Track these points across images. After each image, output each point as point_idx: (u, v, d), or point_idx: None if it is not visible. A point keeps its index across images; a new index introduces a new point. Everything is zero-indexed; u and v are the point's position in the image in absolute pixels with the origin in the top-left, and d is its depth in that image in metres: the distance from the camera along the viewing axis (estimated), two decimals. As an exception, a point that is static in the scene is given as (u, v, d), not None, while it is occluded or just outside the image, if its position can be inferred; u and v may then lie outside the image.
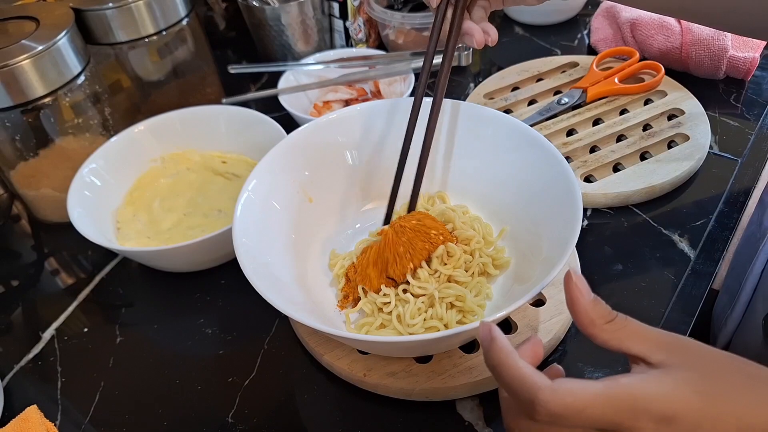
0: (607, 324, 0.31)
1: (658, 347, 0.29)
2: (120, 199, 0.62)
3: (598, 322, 0.31)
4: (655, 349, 0.29)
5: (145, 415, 0.47)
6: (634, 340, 0.30)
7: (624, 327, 0.31)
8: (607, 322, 0.31)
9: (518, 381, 0.29)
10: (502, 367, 0.30)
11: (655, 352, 0.29)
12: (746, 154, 0.61)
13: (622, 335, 0.30)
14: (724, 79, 0.69)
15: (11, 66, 0.54)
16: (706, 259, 0.52)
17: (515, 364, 0.30)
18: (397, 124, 0.55)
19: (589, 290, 0.32)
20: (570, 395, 0.28)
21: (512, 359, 0.30)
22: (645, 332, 0.30)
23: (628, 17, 0.72)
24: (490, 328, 0.32)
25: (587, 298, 0.31)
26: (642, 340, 0.30)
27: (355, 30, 0.78)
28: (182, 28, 0.69)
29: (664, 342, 0.30)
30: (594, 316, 0.31)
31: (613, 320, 0.31)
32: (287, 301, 0.43)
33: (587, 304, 0.31)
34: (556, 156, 0.46)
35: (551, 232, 0.45)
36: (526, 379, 0.29)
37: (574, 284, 0.31)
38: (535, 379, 0.29)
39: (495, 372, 0.31)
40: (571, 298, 0.32)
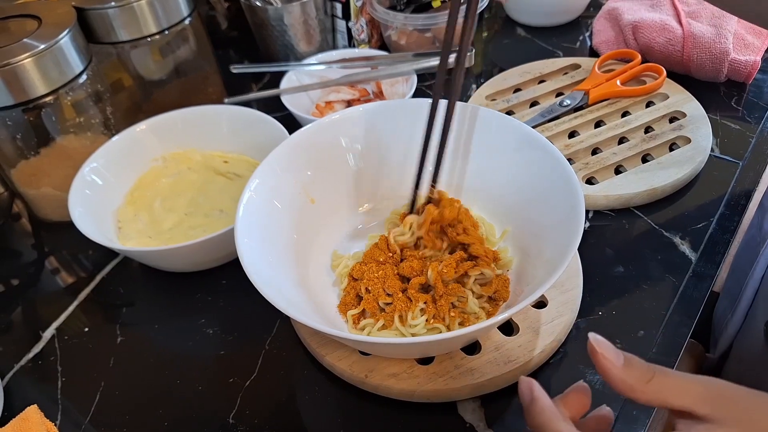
0: (647, 385, 0.30)
1: (704, 400, 0.29)
2: (121, 198, 0.62)
3: (637, 386, 0.30)
4: (700, 403, 0.29)
5: (145, 415, 0.47)
6: (678, 395, 0.29)
7: (665, 383, 0.30)
8: (647, 382, 0.30)
9: None
10: (546, 429, 0.30)
11: (700, 406, 0.29)
12: (747, 157, 0.61)
13: (665, 393, 0.30)
14: (726, 82, 0.69)
15: (13, 64, 0.54)
16: (707, 261, 0.52)
17: (559, 428, 0.29)
18: (399, 125, 0.55)
19: (617, 353, 0.31)
20: None
21: (556, 423, 0.30)
22: (687, 385, 0.29)
23: (630, 20, 0.72)
24: (531, 387, 0.31)
25: (618, 365, 0.30)
26: (685, 394, 0.29)
27: (358, 30, 0.78)
28: (184, 27, 0.69)
29: (709, 394, 0.29)
30: (632, 381, 0.30)
31: (651, 380, 0.30)
32: (289, 301, 0.43)
33: (621, 372, 0.30)
34: (559, 158, 0.46)
35: (553, 234, 0.45)
36: None
37: (601, 355, 0.30)
38: None
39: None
40: (602, 369, 0.31)
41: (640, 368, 0.30)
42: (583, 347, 0.47)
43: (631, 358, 0.31)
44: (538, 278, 0.43)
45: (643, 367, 0.30)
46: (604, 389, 0.44)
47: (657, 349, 0.46)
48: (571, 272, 0.50)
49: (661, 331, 0.47)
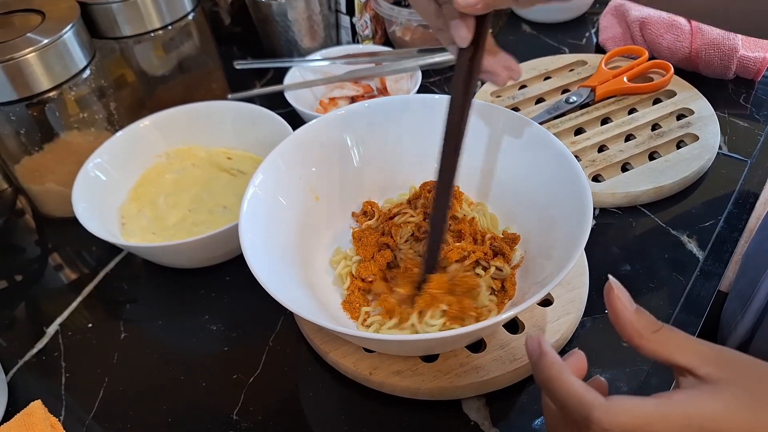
0: (654, 334, 0.30)
1: (707, 360, 0.29)
2: (125, 194, 0.62)
3: (645, 333, 0.30)
4: (703, 362, 0.29)
5: (149, 411, 0.47)
6: (682, 351, 0.30)
7: (671, 338, 0.30)
8: (654, 332, 0.30)
9: (572, 397, 0.29)
10: (555, 382, 0.30)
11: (703, 365, 0.29)
12: (755, 155, 0.61)
13: (670, 346, 0.30)
14: (734, 79, 0.69)
15: (16, 59, 0.54)
16: (715, 260, 0.52)
17: (568, 380, 0.30)
18: (403, 122, 0.54)
19: (632, 301, 0.31)
20: (624, 414, 0.28)
21: (565, 375, 0.30)
22: (692, 344, 0.30)
23: (637, 16, 0.71)
24: (540, 342, 0.32)
25: (631, 310, 0.31)
26: (690, 352, 0.30)
27: (362, 26, 0.77)
28: (188, 23, 0.69)
29: (713, 355, 0.29)
30: (639, 327, 0.30)
31: (658, 330, 0.30)
32: (293, 298, 0.43)
33: (631, 315, 0.31)
34: (567, 155, 0.46)
35: (560, 232, 0.44)
36: (580, 397, 0.29)
37: (616, 296, 0.31)
38: (589, 397, 0.29)
39: (546, 387, 0.31)
40: (614, 310, 0.31)
41: (650, 318, 0.31)
42: (589, 346, 0.47)
43: (643, 310, 0.31)
44: (544, 276, 0.43)
45: (653, 319, 0.31)
46: (610, 387, 0.44)
47: (664, 348, 0.46)
48: (578, 270, 0.49)
49: (667, 330, 0.47)
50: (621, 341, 0.46)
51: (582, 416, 0.28)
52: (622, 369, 0.45)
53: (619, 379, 0.44)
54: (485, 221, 0.52)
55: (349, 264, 0.51)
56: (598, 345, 0.47)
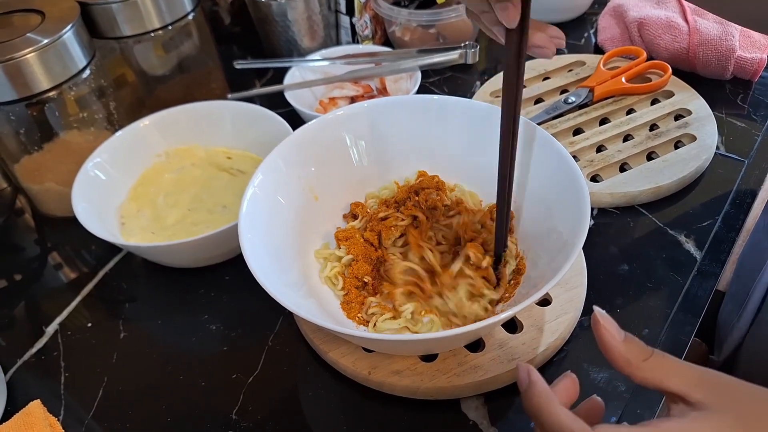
0: (644, 362, 0.30)
1: (698, 386, 0.29)
2: (124, 193, 0.62)
3: (635, 362, 0.30)
4: (694, 388, 0.29)
5: (148, 410, 0.47)
6: (673, 378, 0.30)
7: (662, 364, 0.30)
8: (644, 360, 0.30)
9: (558, 429, 0.29)
10: (542, 413, 0.30)
11: (694, 391, 0.29)
12: (753, 156, 0.61)
13: (660, 373, 0.30)
14: (731, 79, 0.69)
15: (16, 59, 0.54)
16: (712, 260, 0.52)
17: (555, 410, 0.30)
18: (403, 122, 0.54)
19: (619, 329, 0.31)
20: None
21: (552, 406, 0.30)
22: (683, 369, 0.30)
23: (635, 17, 0.71)
24: (529, 371, 0.32)
25: (619, 339, 0.31)
26: (680, 377, 0.30)
27: (362, 26, 0.78)
28: (188, 22, 0.69)
29: (704, 380, 0.29)
30: (629, 356, 0.31)
31: (649, 358, 0.30)
32: (292, 297, 0.43)
33: (620, 345, 0.31)
34: (565, 156, 0.46)
35: (559, 232, 0.44)
36: (566, 428, 0.29)
37: (603, 327, 0.31)
38: (574, 428, 0.29)
39: (534, 417, 0.31)
40: (603, 341, 0.31)
41: (639, 346, 0.31)
42: (588, 345, 0.47)
43: (632, 338, 0.31)
44: (542, 276, 0.43)
45: (642, 346, 0.31)
46: (607, 387, 0.44)
47: (661, 348, 0.46)
48: (576, 270, 0.50)
49: (665, 330, 0.47)
50: (619, 341, 0.47)
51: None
52: (619, 369, 0.45)
53: (618, 379, 0.44)
54: (469, 200, 0.53)
55: (336, 265, 0.51)
56: (596, 344, 0.47)
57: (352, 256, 0.50)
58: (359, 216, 0.54)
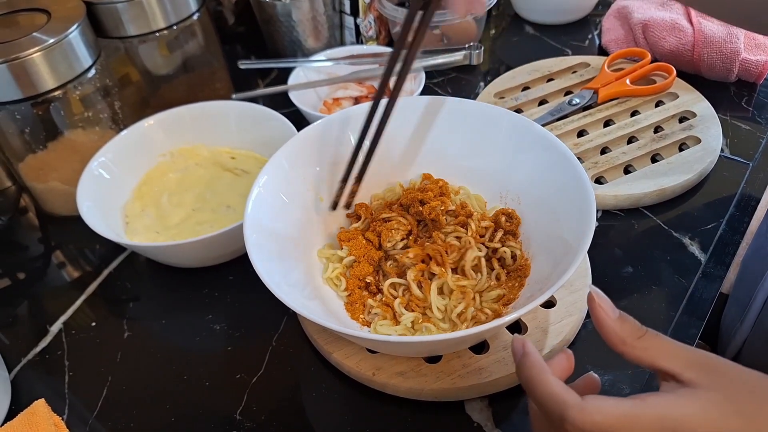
0: (638, 341, 0.31)
1: (689, 365, 0.30)
2: (129, 193, 0.62)
3: (629, 340, 0.31)
4: (686, 367, 0.30)
5: (152, 410, 0.47)
6: (666, 356, 0.30)
7: (655, 343, 0.31)
8: (638, 338, 0.31)
9: (549, 397, 0.30)
10: (534, 382, 0.31)
11: (685, 370, 0.30)
12: (757, 158, 0.61)
13: (653, 352, 0.31)
14: (736, 82, 0.69)
15: (22, 58, 0.54)
16: (717, 262, 0.52)
17: (547, 380, 0.30)
18: (407, 122, 0.54)
19: (614, 308, 0.32)
20: (599, 414, 0.28)
21: (544, 375, 0.31)
22: (676, 349, 0.30)
23: (639, 18, 0.71)
24: (524, 343, 0.33)
25: (613, 317, 0.32)
26: (673, 357, 0.30)
27: (366, 27, 0.78)
28: (192, 22, 0.69)
29: (695, 360, 0.30)
30: (623, 334, 0.31)
31: (642, 336, 0.31)
32: (296, 298, 0.43)
33: (614, 323, 0.31)
34: (570, 158, 0.46)
35: (563, 234, 0.44)
36: (556, 397, 0.30)
37: (598, 305, 0.32)
38: (565, 397, 0.29)
39: (527, 387, 0.32)
40: (598, 318, 0.32)
41: (633, 325, 0.32)
42: (592, 348, 0.47)
43: (626, 316, 0.32)
44: (547, 278, 0.43)
45: (636, 325, 0.32)
46: (611, 389, 0.44)
47: (666, 350, 0.46)
48: (580, 272, 0.50)
49: (670, 333, 0.47)
50: (623, 343, 0.47)
51: (558, 415, 0.29)
52: (624, 371, 0.45)
53: (622, 381, 0.44)
54: (474, 203, 0.53)
55: (338, 266, 0.51)
56: (601, 347, 0.46)
57: (353, 257, 0.50)
58: (362, 216, 0.54)
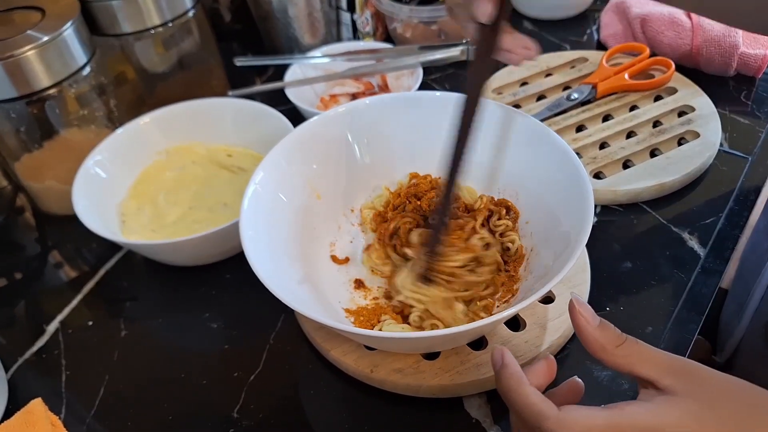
0: (617, 348, 0.31)
1: (668, 372, 0.30)
2: (125, 191, 0.61)
3: (608, 348, 0.31)
4: (664, 374, 0.30)
5: (149, 409, 0.47)
6: (644, 364, 0.31)
7: (634, 350, 0.31)
8: (617, 346, 0.31)
9: (527, 408, 0.30)
10: (512, 393, 0.32)
11: (664, 377, 0.30)
12: (756, 152, 0.61)
13: (632, 359, 0.31)
14: (735, 76, 0.69)
15: (16, 56, 0.53)
16: (716, 257, 0.52)
17: (524, 391, 0.31)
18: (405, 119, 0.54)
19: (595, 315, 0.33)
20: (575, 424, 0.29)
21: (522, 387, 0.31)
22: (654, 356, 0.31)
23: (638, 13, 0.71)
24: (503, 353, 0.33)
25: (594, 324, 0.32)
26: (652, 364, 0.30)
27: (363, 23, 0.77)
28: (188, 19, 0.69)
29: (674, 367, 0.30)
30: (603, 341, 0.32)
31: (622, 344, 0.31)
32: (293, 295, 0.43)
33: (595, 330, 0.32)
34: (568, 153, 0.46)
35: (562, 229, 0.44)
36: (533, 408, 0.30)
37: (578, 312, 0.32)
38: (542, 408, 0.30)
39: (505, 398, 0.32)
40: (578, 325, 0.32)
41: (612, 332, 0.32)
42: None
43: (607, 324, 0.32)
44: (545, 273, 0.43)
45: (616, 332, 0.32)
46: (611, 385, 0.44)
47: (665, 346, 0.46)
48: (579, 267, 0.49)
49: (669, 328, 0.47)
50: (622, 339, 0.46)
51: (535, 426, 0.30)
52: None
53: (621, 377, 0.44)
54: (466, 195, 0.53)
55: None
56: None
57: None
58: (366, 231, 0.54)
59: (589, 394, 0.37)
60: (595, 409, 0.29)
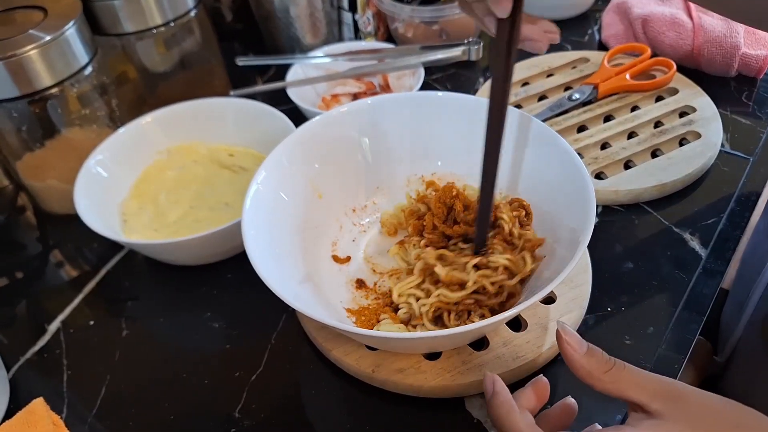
0: (606, 374, 0.32)
1: (656, 396, 0.31)
2: (126, 191, 0.62)
3: (596, 374, 0.32)
4: (652, 398, 0.31)
5: (151, 408, 0.47)
6: (633, 389, 0.31)
7: (622, 375, 0.32)
8: (605, 372, 0.32)
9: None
10: (502, 421, 0.33)
11: (652, 401, 0.31)
12: (758, 153, 0.61)
13: (621, 385, 0.31)
14: (736, 76, 0.69)
15: (18, 56, 0.53)
16: (717, 258, 0.52)
17: (514, 418, 0.32)
18: (406, 119, 0.54)
19: (581, 342, 0.33)
20: None
21: (512, 415, 0.32)
22: (643, 380, 0.31)
23: (639, 13, 0.71)
24: (494, 381, 0.35)
25: (581, 351, 0.33)
26: (640, 388, 0.31)
27: (364, 23, 0.77)
28: (190, 19, 0.69)
29: (662, 390, 0.31)
30: (591, 368, 0.32)
31: (610, 370, 0.32)
32: (295, 295, 0.43)
33: (582, 358, 0.32)
34: (570, 153, 0.46)
35: (564, 229, 0.44)
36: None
37: (566, 341, 0.33)
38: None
39: (496, 426, 0.33)
40: (565, 354, 0.33)
41: (600, 358, 0.32)
42: (592, 342, 0.46)
43: (594, 349, 0.33)
44: (547, 274, 0.43)
45: (604, 358, 0.32)
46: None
47: (666, 346, 0.46)
48: (581, 268, 0.49)
49: (670, 328, 0.47)
50: (624, 338, 0.47)
51: None
52: (624, 367, 0.45)
53: (622, 377, 0.44)
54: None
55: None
56: (601, 342, 0.46)
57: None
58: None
59: (587, 395, 0.37)
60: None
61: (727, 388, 0.66)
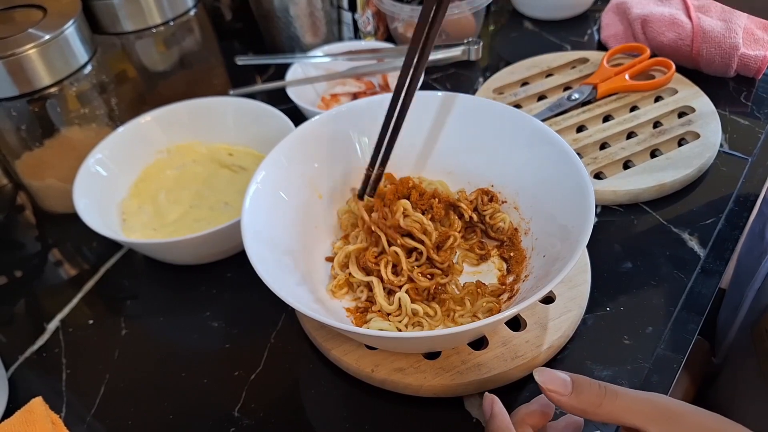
0: (598, 408, 0.32)
1: (651, 419, 0.31)
2: (126, 190, 0.62)
3: (590, 410, 0.32)
4: (648, 421, 0.31)
5: (150, 408, 0.47)
6: (629, 415, 0.31)
7: (615, 405, 0.32)
8: (598, 406, 0.32)
9: None
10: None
11: (650, 425, 0.31)
12: (756, 153, 0.61)
13: (616, 414, 0.32)
14: (735, 77, 0.69)
15: (18, 55, 0.53)
16: (716, 258, 0.52)
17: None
18: (406, 118, 0.54)
19: (565, 384, 0.33)
20: None
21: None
22: (637, 404, 0.32)
23: (638, 14, 0.71)
24: (492, 403, 0.35)
25: (568, 393, 0.33)
26: (635, 414, 0.31)
27: (364, 22, 0.77)
28: (189, 18, 0.69)
29: (657, 413, 0.31)
30: (583, 407, 0.32)
31: (601, 404, 0.32)
32: (295, 294, 0.43)
33: (571, 400, 0.32)
34: (569, 153, 0.46)
35: (563, 229, 0.44)
36: None
37: (548, 391, 0.33)
38: None
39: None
40: (554, 401, 0.33)
41: (590, 392, 0.32)
42: (591, 343, 0.47)
43: (581, 384, 0.33)
44: (546, 273, 0.43)
45: (593, 390, 0.32)
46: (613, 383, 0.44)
47: (665, 346, 0.46)
48: (580, 268, 0.49)
49: (669, 328, 0.47)
50: (623, 338, 0.47)
51: None
52: (623, 366, 0.45)
53: (621, 377, 0.44)
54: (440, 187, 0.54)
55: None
56: (600, 342, 0.47)
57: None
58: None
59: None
60: None
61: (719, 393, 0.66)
